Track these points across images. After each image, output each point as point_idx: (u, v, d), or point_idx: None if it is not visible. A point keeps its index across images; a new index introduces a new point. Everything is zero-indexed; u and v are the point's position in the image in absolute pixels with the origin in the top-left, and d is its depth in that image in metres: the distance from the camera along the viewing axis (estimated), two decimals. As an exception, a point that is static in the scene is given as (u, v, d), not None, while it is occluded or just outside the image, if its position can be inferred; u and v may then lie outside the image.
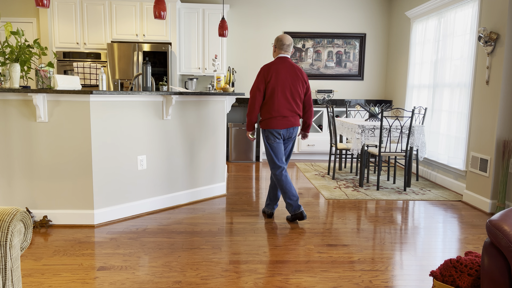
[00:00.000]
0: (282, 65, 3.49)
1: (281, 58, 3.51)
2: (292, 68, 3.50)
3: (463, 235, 3.35)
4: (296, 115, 3.56)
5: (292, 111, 3.51)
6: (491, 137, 3.97)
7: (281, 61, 3.49)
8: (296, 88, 3.50)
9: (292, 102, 3.50)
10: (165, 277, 2.48)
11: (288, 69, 3.49)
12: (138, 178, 3.66)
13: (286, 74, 3.48)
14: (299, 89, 3.52)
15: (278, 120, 3.50)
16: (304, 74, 3.57)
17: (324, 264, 2.71)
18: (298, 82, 3.51)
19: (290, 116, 3.52)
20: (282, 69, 3.48)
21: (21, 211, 1.66)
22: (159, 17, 3.62)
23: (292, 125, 3.54)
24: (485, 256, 1.69)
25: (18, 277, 1.68)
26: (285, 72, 3.48)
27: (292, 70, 3.50)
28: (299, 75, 3.52)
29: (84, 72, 6.00)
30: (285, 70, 3.49)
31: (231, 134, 6.44)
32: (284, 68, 3.49)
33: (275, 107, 3.46)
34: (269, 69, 3.47)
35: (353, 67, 7.13)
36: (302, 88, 3.55)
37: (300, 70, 3.54)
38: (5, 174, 3.28)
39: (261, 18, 6.93)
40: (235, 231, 3.32)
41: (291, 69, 3.50)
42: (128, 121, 3.53)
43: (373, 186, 4.94)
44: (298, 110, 3.56)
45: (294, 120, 3.55)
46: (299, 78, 3.51)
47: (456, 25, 4.91)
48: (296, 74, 3.51)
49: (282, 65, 3.49)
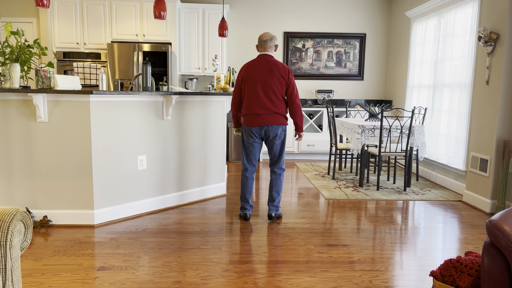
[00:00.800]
0: (256, 62, 3.45)
1: (259, 56, 3.49)
2: (266, 65, 3.40)
3: (463, 235, 3.35)
4: (273, 113, 3.40)
5: (266, 108, 3.39)
6: (491, 137, 3.97)
7: (258, 59, 3.46)
8: (269, 84, 3.38)
9: (265, 99, 3.38)
10: (165, 277, 2.48)
11: (261, 66, 3.41)
12: (138, 178, 3.66)
13: (258, 71, 3.40)
14: (273, 86, 3.38)
15: (251, 117, 3.45)
16: (282, 69, 3.40)
17: (324, 264, 2.71)
18: (273, 78, 3.38)
19: (265, 114, 3.40)
20: (254, 67, 3.43)
21: (21, 211, 1.66)
22: (159, 17, 3.62)
23: (267, 123, 3.40)
24: (485, 256, 1.69)
25: (18, 277, 1.68)
26: (257, 69, 3.41)
27: (265, 67, 3.40)
28: (274, 71, 3.38)
29: (84, 72, 6.00)
30: (257, 67, 3.42)
31: (231, 134, 6.44)
32: (257, 66, 3.42)
33: (247, 105, 3.46)
34: (243, 68, 3.50)
35: (353, 67, 7.13)
36: (279, 84, 3.40)
37: (276, 66, 3.40)
38: (5, 174, 3.28)
39: (261, 18, 6.93)
40: (235, 231, 3.32)
41: (264, 66, 3.40)
42: (128, 121, 3.53)
43: (373, 186, 4.94)
44: (274, 107, 3.40)
45: (270, 118, 3.40)
46: (274, 74, 3.38)
47: (456, 25, 4.91)
48: (270, 70, 3.38)
49: (256, 62, 3.45)
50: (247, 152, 3.58)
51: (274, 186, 3.59)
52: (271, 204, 3.59)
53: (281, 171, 3.59)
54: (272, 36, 3.47)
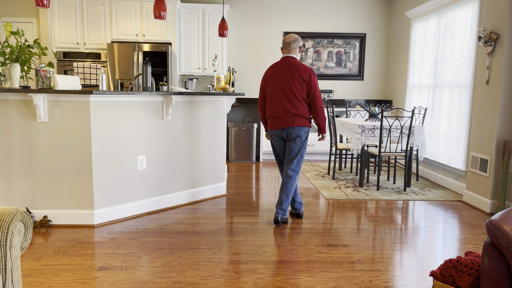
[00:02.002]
0: (278, 65, 3.46)
1: (282, 58, 3.49)
2: (287, 67, 3.39)
3: (463, 235, 3.35)
4: (293, 115, 3.38)
5: (287, 111, 3.38)
6: (491, 137, 3.97)
7: (281, 61, 3.48)
8: (289, 87, 3.37)
9: (285, 102, 3.38)
10: (165, 277, 2.48)
11: (283, 68, 3.41)
12: (138, 178, 3.66)
13: (279, 73, 3.41)
14: (293, 88, 3.36)
15: (272, 120, 3.47)
16: (303, 71, 3.37)
17: (324, 264, 2.71)
18: (293, 80, 3.36)
19: (285, 116, 3.39)
20: (276, 69, 3.45)
21: (21, 211, 1.66)
22: (159, 17, 3.62)
23: (287, 125, 3.39)
24: (485, 256, 1.69)
25: (18, 277, 1.68)
26: (278, 72, 3.42)
27: (286, 69, 3.39)
28: (294, 73, 3.36)
29: (84, 72, 6.00)
30: (278, 70, 3.43)
31: (231, 134, 6.44)
32: (278, 68, 3.43)
33: (269, 108, 3.49)
34: (267, 71, 3.54)
35: (353, 67, 7.13)
36: (300, 86, 3.37)
37: (297, 68, 3.37)
38: (5, 174, 3.28)
39: (261, 18, 6.93)
40: (235, 231, 3.32)
41: (285, 68, 3.40)
42: (128, 121, 3.53)
43: (373, 186, 4.94)
44: (295, 109, 3.37)
45: (291, 120, 3.39)
46: (294, 76, 3.36)
47: (456, 25, 4.91)
48: (290, 72, 3.37)
49: (278, 65, 3.46)
50: (276, 154, 3.65)
51: (284, 189, 3.46)
52: (279, 207, 3.46)
53: (293, 173, 3.46)
54: (295, 38, 3.44)
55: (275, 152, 3.65)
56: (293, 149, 3.46)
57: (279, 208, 3.47)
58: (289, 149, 3.47)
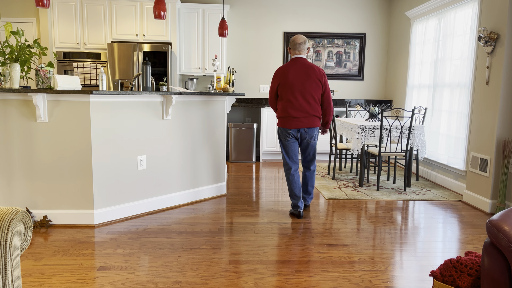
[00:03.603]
0: (292, 66, 3.48)
1: (293, 59, 3.52)
2: (303, 68, 3.45)
3: (463, 235, 3.35)
4: (310, 116, 3.50)
5: (305, 111, 3.47)
6: (491, 137, 3.97)
7: (293, 62, 3.50)
8: (307, 88, 3.44)
9: (303, 103, 3.46)
10: (165, 277, 2.48)
11: (298, 69, 3.45)
12: (138, 178, 3.66)
13: (296, 75, 3.45)
14: (311, 89, 3.45)
15: (288, 120, 3.52)
16: (318, 73, 3.48)
17: (324, 264, 2.71)
18: (310, 82, 3.44)
19: (302, 117, 3.48)
20: (291, 71, 3.47)
21: (21, 211, 1.66)
22: (159, 17, 3.62)
23: (304, 126, 3.50)
24: (485, 256, 1.69)
25: (18, 277, 1.68)
26: (294, 73, 3.45)
27: (303, 70, 3.45)
28: (311, 75, 3.45)
29: (84, 72, 6.00)
30: (294, 71, 3.46)
31: (231, 134, 6.44)
32: (294, 69, 3.46)
33: (284, 108, 3.52)
34: (279, 73, 3.54)
35: (353, 67, 7.13)
36: (317, 87, 3.48)
37: (313, 70, 3.46)
38: (5, 174, 3.28)
39: (261, 18, 6.93)
40: (235, 231, 3.32)
41: (301, 70, 3.45)
42: (128, 121, 3.53)
43: (373, 186, 4.94)
44: (312, 110, 3.49)
45: (307, 121, 3.50)
46: (311, 77, 3.45)
47: (456, 25, 4.91)
48: (307, 74, 3.44)
49: (292, 66, 3.48)
50: (287, 151, 3.68)
51: (309, 181, 3.83)
52: (308, 196, 3.88)
53: (314, 167, 3.81)
54: (305, 39, 3.52)
55: (285, 149, 3.69)
56: (311, 150, 3.71)
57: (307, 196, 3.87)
58: (308, 150, 3.70)
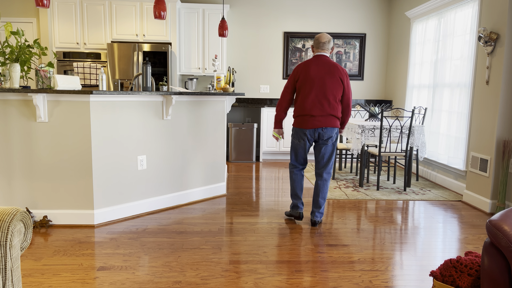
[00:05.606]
0: (315, 63, 3.32)
1: (316, 56, 3.36)
2: (326, 66, 3.30)
3: (463, 235, 3.35)
4: (328, 116, 3.31)
5: (323, 110, 3.29)
6: (491, 137, 3.97)
7: (316, 59, 3.35)
8: (328, 86, 3.27)
9: (323, 101, 3.28)
10: (165, 277, 2.48)
11: (321, 67, 3.30)
12: (138, 178, 3.66)
13: (318, 71, 3.29)
14: (332, 88, 3.28)
15: (305, 119, 3.33)
16: (341, 72, 3.31)
17: (324, 264, 2.71)
18: (332, 81, 3.27)
19: (319, 116, 3.29)
20: (313, 67, 3.30)
21: (21, 211, 1.66)
22: (159, 17, 3.62)
23: (321, 125, 3.30)
24: (485, 256, 1.69)
25: (18, 277, 1.68)
26: (317, 70, 3.29)
27: (326, 68, 3.29)
28: (334, 73, 3.28)
29: (84, 72, 6.00)
30: (316, 68, 3.30)
31: (231, 134, 6.44)
32: (316, 66, 3.30)
33: (302, 106, 3.33)
34: (300, 67, 3.37)
35: (353, 67, 7.13)
36: (338, 86, 3.30)
37: (336, 68, 3.30)
38: (5, 174, 3.28)
39: (261, 18, 6.93)
40: (235, 231, 3.32)
41: (324, 67, 3.29)
42: (128, 121, 3.53)
43: (373, 186, 4.94)
44: (331, 110, 3.31)
45: (325, 121, 3.30)
46: (334, 76, 3.28)
47: (456, 25, 4.91)
48: (330, 72, 3.28)
49: (315, 63, 3.32)
50: (296, 153, 3.48)
51: (320, 192, 3.44)
52: (317, 210, 3.46)
53: (328, 176, 3.44)
54: (330, 38, 3.37)
55: (295, 149, 3.48)
56: (327, 152, 3.41)
57: (317, 211, 3.47)
58: (322, 152, 3.40)
